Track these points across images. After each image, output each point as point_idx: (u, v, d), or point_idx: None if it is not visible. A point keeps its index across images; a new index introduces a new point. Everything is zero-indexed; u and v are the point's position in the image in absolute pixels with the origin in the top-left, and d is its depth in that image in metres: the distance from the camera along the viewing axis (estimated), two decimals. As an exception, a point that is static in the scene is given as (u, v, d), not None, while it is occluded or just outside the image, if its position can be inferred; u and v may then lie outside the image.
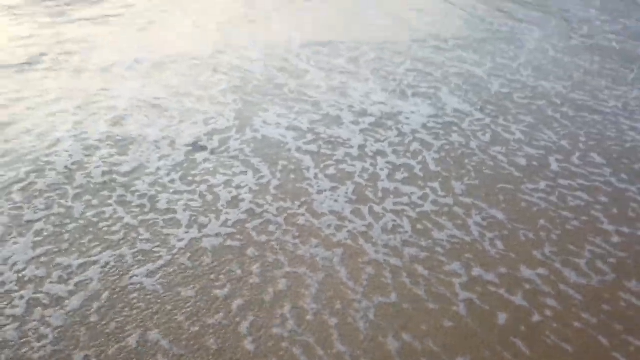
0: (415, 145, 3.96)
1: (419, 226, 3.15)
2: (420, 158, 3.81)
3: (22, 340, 2.32)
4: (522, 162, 3.82)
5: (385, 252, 2.92)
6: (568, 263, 2.92)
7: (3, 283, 2.62)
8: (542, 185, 3.57)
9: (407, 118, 4.27)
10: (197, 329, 2.42)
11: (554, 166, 3.78)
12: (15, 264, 2.73)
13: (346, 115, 4.27)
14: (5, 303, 2.51)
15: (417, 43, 5.79)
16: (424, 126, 4.20)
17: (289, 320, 2.49)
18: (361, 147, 3.89)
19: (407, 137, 4.05)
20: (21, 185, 3.28)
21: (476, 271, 2.84)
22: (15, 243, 2.86)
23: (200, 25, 5.92)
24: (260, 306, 2.55)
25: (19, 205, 3.13)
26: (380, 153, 3.85)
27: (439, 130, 4.15)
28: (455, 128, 4.19)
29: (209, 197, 3.28)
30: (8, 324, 2.40)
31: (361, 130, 4.07)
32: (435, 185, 3.53)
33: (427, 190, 3.47)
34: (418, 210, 3.29)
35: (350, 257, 2.87)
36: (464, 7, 7.14)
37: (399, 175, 3.61)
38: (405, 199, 3.38)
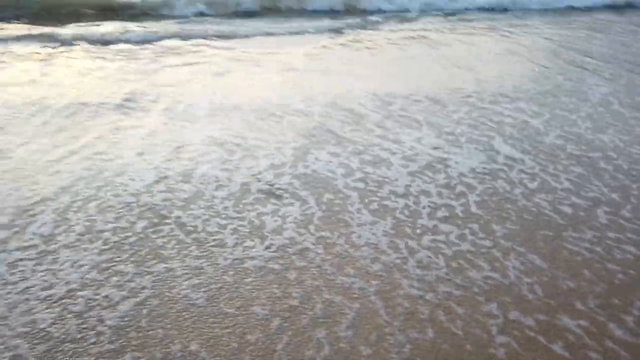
0: (460, 188, 4.02)
1: (454, 264, 3.21)
2: (462, 200, 3.87)
3: (81, 336, 2.60)
4: (568, 210, 3.77)
5: (420, 286, 2.99)
6: (614, 318, 2.82)
7: (68, 282, 2.96)
8: (588, 235, 3.50)
9: (457, 163, 4.37)
10: (235, 344, 2.59)
11: (602, 217, 3.70)
12: (81, 266, 3.08)
13: (396, 158, 4.43)
14: (69, 300, 2.84)
15: (478, 93, 5.90)
16: (472, 170, 4.26)
17: (324, 346, 2.58)
18: (406, 187, 4.01)
19: (453, 180, 4.13)
20: (97, 200, 3.71)
21: (514, 314, 2.82)
22: (85, 249, 3.23)
23: (271, 73, 6.39)
24: (297, 329, 2.68)
25: (93, 217, 3.53)
26: (424, 193, 3.95)
27: (486, 176, 4.21)
28: (502, 175, 4.22)
29: (256, 223, 3.52)
30: (70, 319, 2.71)
31: (409, 172, 4.21)
32: (475, 226, 3.57)
33: (466, 231, 3.52)
34: (454, 248, 3.35)
35: (386, 290, 2.96)
36: (533, 59, 7.16)
37: (439, 214, 3.70)
38: (442, 237, 3.46)
